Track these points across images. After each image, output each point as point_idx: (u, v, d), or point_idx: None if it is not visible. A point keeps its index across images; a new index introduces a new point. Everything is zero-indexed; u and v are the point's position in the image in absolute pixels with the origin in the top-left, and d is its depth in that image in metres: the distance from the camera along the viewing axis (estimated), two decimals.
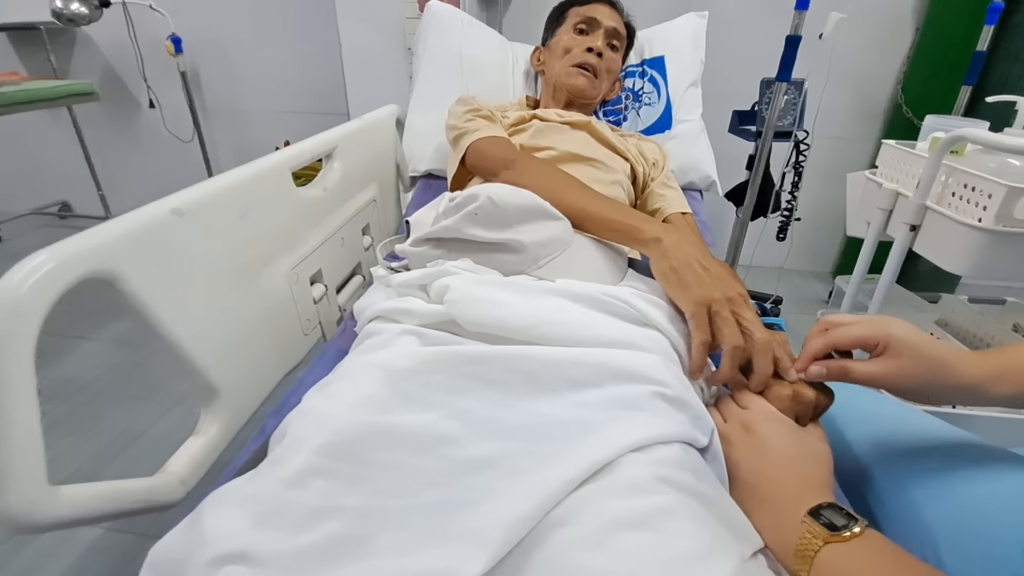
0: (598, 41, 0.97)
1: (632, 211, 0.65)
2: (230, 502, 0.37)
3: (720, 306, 0.51)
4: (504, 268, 0.59)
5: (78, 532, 1.05)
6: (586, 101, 1.00)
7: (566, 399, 0.45)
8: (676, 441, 0.43)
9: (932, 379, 0.44)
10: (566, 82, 0.97)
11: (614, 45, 1.01)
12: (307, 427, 0.41)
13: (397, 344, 0.51)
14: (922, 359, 0.44)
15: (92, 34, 2.36)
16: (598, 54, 0.96)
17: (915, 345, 0.45)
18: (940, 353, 0.45)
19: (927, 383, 0.45)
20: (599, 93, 1.01)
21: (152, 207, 0.54)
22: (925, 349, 0.45)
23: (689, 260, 0.55)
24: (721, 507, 0.39)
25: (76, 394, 1.44)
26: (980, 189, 0.77)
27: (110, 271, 0.49)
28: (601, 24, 0.98)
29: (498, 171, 0.75)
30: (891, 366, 0.45)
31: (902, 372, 0.45)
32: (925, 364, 0.44)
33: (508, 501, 0.36)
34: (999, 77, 1.72)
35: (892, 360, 0.45)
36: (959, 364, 0.44)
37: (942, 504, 0.48)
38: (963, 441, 0.54)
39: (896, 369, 0.45)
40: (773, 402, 0.49)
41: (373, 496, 0.37)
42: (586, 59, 0.96)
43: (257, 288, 0.67)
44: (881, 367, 0.45)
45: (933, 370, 0.44)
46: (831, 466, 0.45)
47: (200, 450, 0.59)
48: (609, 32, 0.99)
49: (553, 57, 1.01)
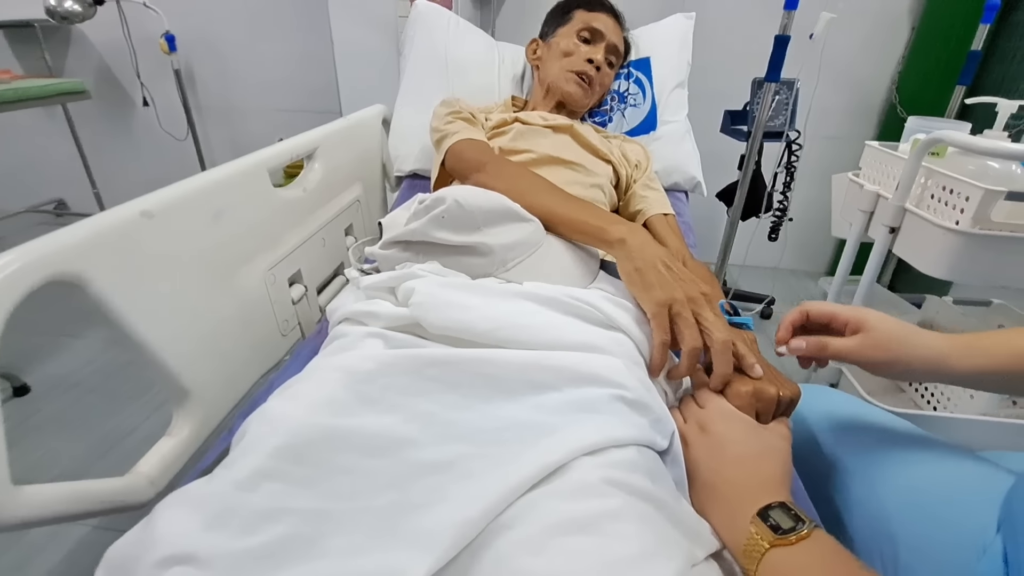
0: (599, 54, 0.96)
1: (600, 212, 0.66)
2: (183, 504, 0.37)
3: (681, 307, 0.52)
4: (472, 271, 0.59)
5: (65, 529, 1.06)
6: (576, 109, 1.01)
7: (527, 402, 0.46)
8: (632, 444, 0.43)
9: (906, 350, 0.47)
10: (562, 87, 0.97)
11: (611, 61, 1.01)
12: (263, 429, 0.41)
13: (362, 346, 0.51)
14: (892, 332, 0.48)
15: (87, 32, 2.37)
16: (597, 67, 0.96)
17: (884, 319, 0.48)
18: (909, 328, 0.48)
19: (901, 354, 0.47)
20: (590, 104, 1.02)
21: (121, 209, 0.54)
22: (895, 324, 0.48)
23: (653, 261, 0.56)
24: (673, 509, 0.39)
25: (67, 392, 1.45)
26: (958, 191, 0.77)
27: (77, 274, 0.49)
28: (605, 37, 0.98)
29: (471, 174, 0.76)
30: (864, 339, 0.48)
31: (874, 343, 0.48)
32: (895, 335, 0.48)
33: (459, 504, 0.37)
34: (995, 77, 1.71)
35: (864, 335, 0.48)
36: (927, 337, 0.48)
37: (903, 502, 0.49)
38: (924, 439, 0.55)
39: (869, 341, 0.48)
40: (732, 399, 0.49)
41: (325, 498, 0.38)
42: (585, 69, 0.95)
43: (231, 290, 0.67)
44: (855, 341, 0.49)
45: (902, 340, 0.48)
46: (788, 463, 0.46)
47: (171, 451, 0.60)
48: (610, 48, 0.99)
49: (551, 56, 1.00)
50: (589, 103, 1.01)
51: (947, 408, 1.00)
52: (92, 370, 1.53)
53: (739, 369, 0.52)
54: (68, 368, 1.54)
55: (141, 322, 0.55)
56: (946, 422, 0.88)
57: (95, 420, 1.34)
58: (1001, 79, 1.70)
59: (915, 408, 1.06)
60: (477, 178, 0.73)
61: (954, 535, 0.45)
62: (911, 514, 0.47)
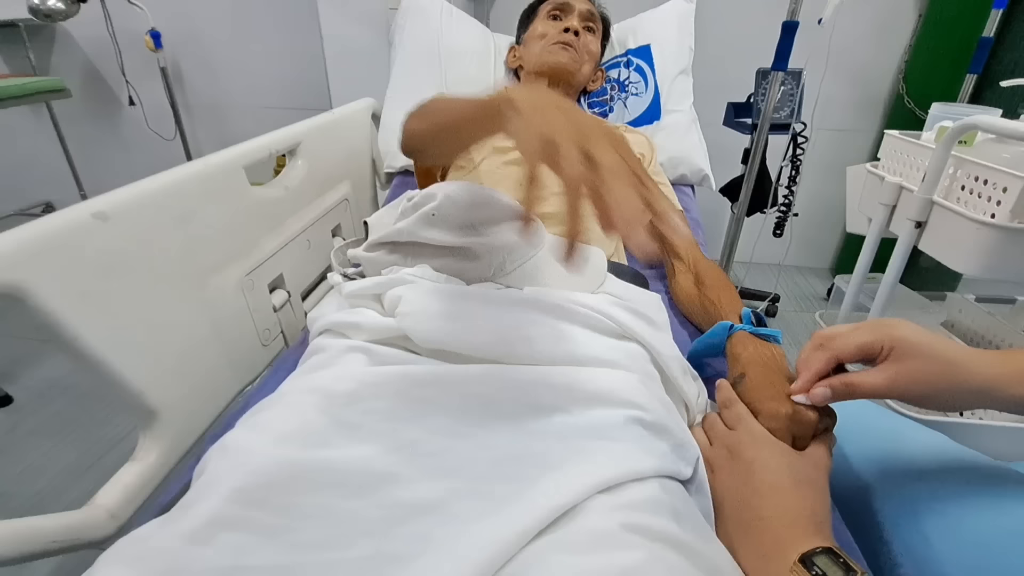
0: (574, 22, 0.96)
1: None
2: (123, 560, 0.32)
3: (567, 146, 0.35)
4: (466, 275, 0.53)
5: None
6: (568, 80, 0.96)
7: (528, 427, 0.40)
8: (654, 476, 0.37)
9: (944, 382, 0.39)
10: (547, 60, 0.94)
11: (590, 27, 1.00)
12: (222, 466, 0.36)
13: (341, 363, 0.45)
14: (932, 360, 0.39)
15: (71, 30, 2.31)
16: (575, 32, 0.95)
17: (923, 345, 0.40)
18: (952, 353, 0.40)
19: (939, 387, 0.40)
20: (580, 70, 0.97)
21: (69, 211, 0.48)
22: (936, 349, 0.40)
23: (544, 104, 0.40)
24: (703, 555, 0.34)
25: (53, 400, 1.41)
26: (993, 182, 0.71)
27: (16, 286, 0.43)
28: (575, 7, 0.98)
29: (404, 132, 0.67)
30: (899, 372, 0.40)
31: (911, 377, 0.40)
32: (936, 366, 0.39)
33: (447, 557, 0.31)
34: (1006, 65, 1.65)
35: (899, 364, 0.40)
36: (973, 363, 0.39)
37: (955, 540, 0.43)
38: (970, 462, 0.49)
39: (905, 375, 0.40)
40: (766, 422, 0.43)
41: (291, 551, 0.32)
42: (564, 37, 0.94)
43: (202, 298, 0.61)
44: (888, 375, 0.40)
45: (945, 372, 0.39)
46: (827, 497, 0.40)
47: (136, 479, 0.54)
48: (583, 15, 0.98)
49: (529, 46, 0.99)
50: (578, 69, 0.97)
51: (976, 414, 0.94)
52: (79, 377, 1.47)
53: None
54: (56, 374, 1.49)
55: (95, 337, 0.49)
56: (978, 429, 0.82)
57: (83, 428, 1.30)
58: (1013, 65, 1.64)
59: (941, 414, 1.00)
60: (407, 130, 0.66)
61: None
62: (971, 559, 0.41)
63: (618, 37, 1.19)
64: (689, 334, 0.70)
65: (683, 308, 0.72)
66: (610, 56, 1.17)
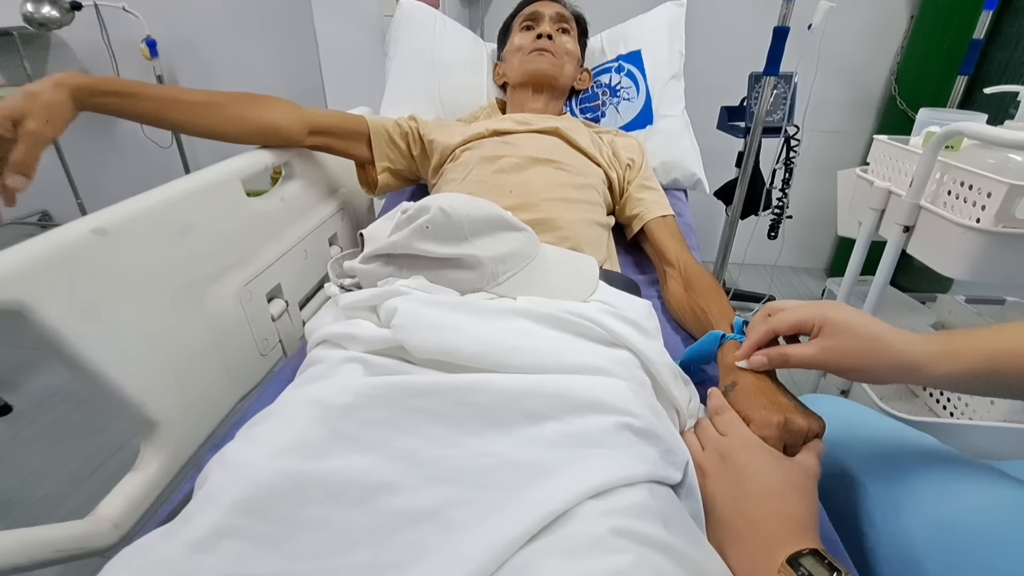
0: (544, 26, 1.00)
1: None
2: (128, 569, 0.33)
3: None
4: (460, 286, 0.54)
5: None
6: (552, 84, 0.99)
7: (522, 435, 0.41)
8: (643, 482, 0.38)
9: (871, 357, 0.44)
10: (527, 69, 0.98)
11: (564, 28, 1.03)
12: (223, 478, 0.37)
13: (338, 374, 0.46)
14: (858, 337, 0.44)
15: (66, 38, 2.31)
16: (548, 36, 0.99)
17: (849, 322, 0.45)
18: (877, 331, 0.44)
19: (866, 362, 0.44)
20: (562, 73, 1.00)
21: (69, 227, 0.49)
22: (860, 327, 0.45)
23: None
24: (692, 559, 0.35)
25: (53, 409, 1.42)
26: (978, 187, 0.72)
27: (19, 302, 0.44)
28: (544, 14, 1.02)
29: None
30: (827, 346, 0.45)
31: (838, 352, 0.45)
32: (861, 342, 0.44)
33: (442, 563, 0.32)
34: (997, 65, 1.67)
35: (828, 340, 0.45)
36: (900, 341, 0.44)
37: (936, 542, 0.44)
38: (947, 456, 0.51)
39: (833, 350, 0.45)
40: (760, 430, 0.44)
41: (292, 559, 0.33)
42: (538, 44, 0.98)
43: (201, 309, 0.62)
44: (816, 348, 0.45)
45: (871, 347, 0.44)
46: (815, 503, 0.41)
47: (138, 489, 0.55)
48: (554, 18, 1.02)
49: (509, 60, 1.03)
50: (560, 72, 1.00)
51: (965, 415, 0.96)
52: (80, 384, 1.47)
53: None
54: (55, 382, 1.50)
55: (96, 351, 0.49)
56: (965, 429, 0.83)
57: (82, 438, 1.31)
58: (1004, 66, 1.66)
59: (931, 415, 1.01)
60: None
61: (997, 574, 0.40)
62: (948, 559, 0.42)
63: (609, 42, 1.20)
64: (682, 339, 0.71)
65: (674, 314, 0.73)
66: (601, 61, 1.19)
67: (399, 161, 0.91)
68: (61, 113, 0.57)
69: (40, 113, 0.54)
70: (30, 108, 0.54)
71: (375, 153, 0.88)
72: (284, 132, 0.77)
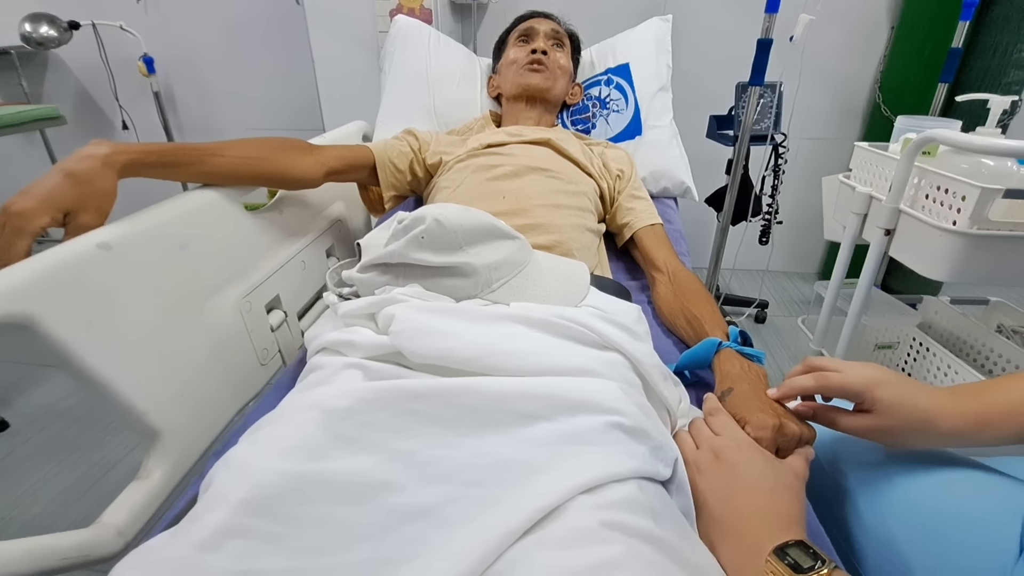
0: (539, 42, 1.03)
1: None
2: (139, 567, 0.34)
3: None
4: (455, 293, 0.56)
5: None
6: (544, 97, 1.02)
7: (515, 435, 0.43)
8: (633, 478, 0.40)
9: (918, 439, 0.46)
10: (521, 83, 1.01)
11: (558, 44, 1.07)
12: (229, 479, 0.38)
13: (338, 379, 0.48)
14: (908, 421, 0.45)
15: (64, 57, 2.33)
16: (543, 52, 1.02)
17: (899, 405, 0.45)
18: (925, 409, 0.45)
19: (912, 442, 0.47)
20: (554, 87, 1.03)
21: (75, 242, 0.51)
22: (910, 409, 0.45)
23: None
24: (681, 551, 0.36)
25: (50, 424, 1.41)
26: (953, 191, 0.75)
27: (27, 315, 0.46)
28: (539, 30, 1.05)
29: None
30: (878, 427, 0.46)
31: (889, 434, 0.46)
32: (911, 426, 0.45)
33: (440, 558, 0.33)
34: (976, 73, 1.72)
35: (879, 420, 0.46)
36: (942, 417, 0.45)
37: (914, 526, 0.46)
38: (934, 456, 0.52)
39: (883, 430, 0.46)
40: (755, 431, 0.46)
41: (296, 556, 0.34)
42: (533, 58, 1.01)
43: (203, 320, 0.64)
44: (866, 427, 0.46)
45: (918, 430, 0.45)
46: (803, 502, 0.43)
47: (142, 497, 0.56)
48: (548, 34, 1.05)
49: (504, 73, 1.06)
50: (555, 85, 1.04)
51: None
52: (78, 399, 1.48)
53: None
54: (51, 398, 1.50)
55: (101, 362, 0.51)
56: None
57: (80, 452, 1.31)
58: (983, 74, 1.70)
59: None
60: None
61: (975, 560, 0.42)
62: (925, 540, 0.44)
63: (598, 56, 1.23)
64: (673, 342, 0.73)
65: (664, 318, 0.75)
66: (591, 75, 1.22)
67: (403, 187, 0.93)
68: (110, 201, 0.56)
69: (92, 205, 0.54)
70: (83, 201, 0.53)
71: (382, 183, 0.91)
72: (307, 182, 0.80)
